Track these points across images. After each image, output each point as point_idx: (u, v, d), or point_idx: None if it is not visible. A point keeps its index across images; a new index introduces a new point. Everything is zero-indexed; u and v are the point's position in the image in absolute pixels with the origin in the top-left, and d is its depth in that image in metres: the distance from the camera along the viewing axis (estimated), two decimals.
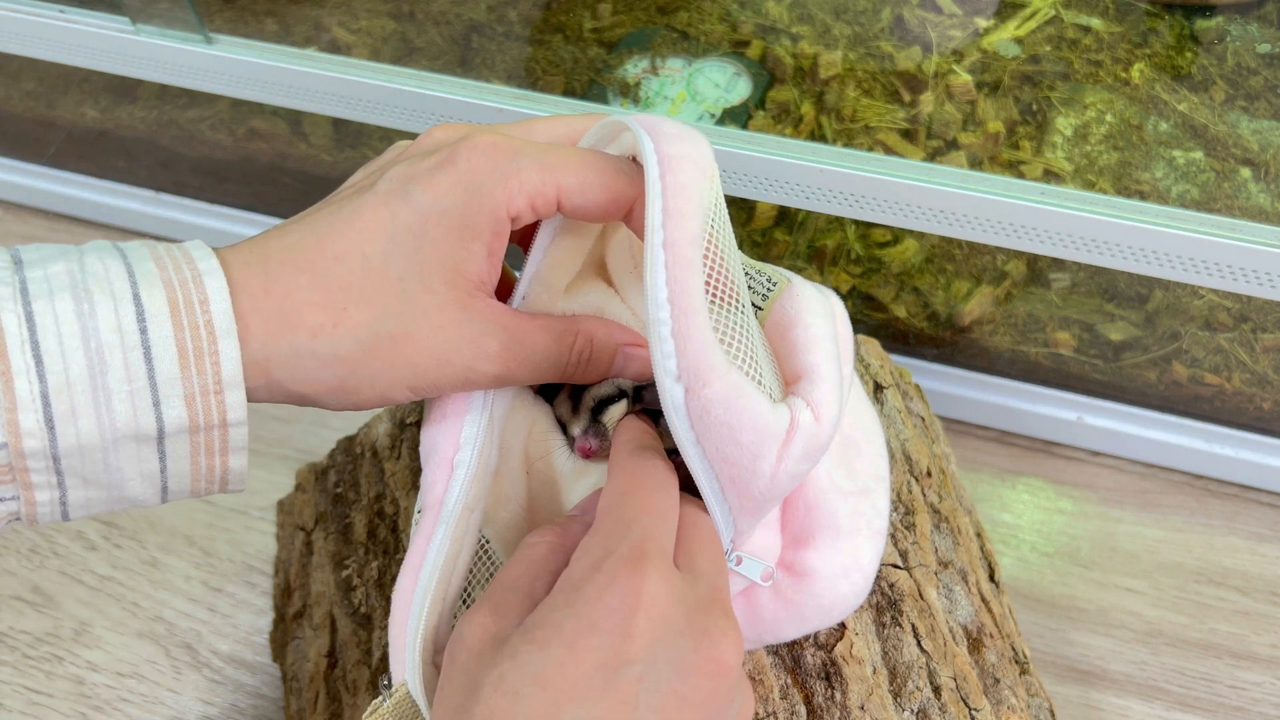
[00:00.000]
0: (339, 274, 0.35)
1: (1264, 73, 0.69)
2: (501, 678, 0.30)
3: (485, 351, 0.37)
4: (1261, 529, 0.68)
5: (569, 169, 0.36)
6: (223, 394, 0.33)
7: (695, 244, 0.34)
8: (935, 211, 0.57)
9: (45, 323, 0.31)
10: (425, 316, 0.35)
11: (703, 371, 0.33)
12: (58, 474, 0.33)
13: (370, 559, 0.51)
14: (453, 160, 0.36)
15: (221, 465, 0.35)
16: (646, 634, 0.31)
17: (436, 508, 0.38)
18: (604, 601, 0.31)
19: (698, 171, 0.35)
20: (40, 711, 0.62)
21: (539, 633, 0.31)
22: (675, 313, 0.33)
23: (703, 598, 0.33)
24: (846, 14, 0.74)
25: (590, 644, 0.30)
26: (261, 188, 0.84)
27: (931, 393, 0.70)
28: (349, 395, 0.36)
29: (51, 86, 0.87)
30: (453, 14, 0.79)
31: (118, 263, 0.33)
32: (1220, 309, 0.67)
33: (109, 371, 0.32)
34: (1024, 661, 0.48)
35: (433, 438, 0.39)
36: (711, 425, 0.34)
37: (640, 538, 0.33)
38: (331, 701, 0.50)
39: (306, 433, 0.73)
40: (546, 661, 0.30)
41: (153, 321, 0.32)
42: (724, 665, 0.32)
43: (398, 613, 0.37)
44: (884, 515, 0.45)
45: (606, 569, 0.32)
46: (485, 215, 0.35)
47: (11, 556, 0.68)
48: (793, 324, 0.39)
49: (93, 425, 0.32)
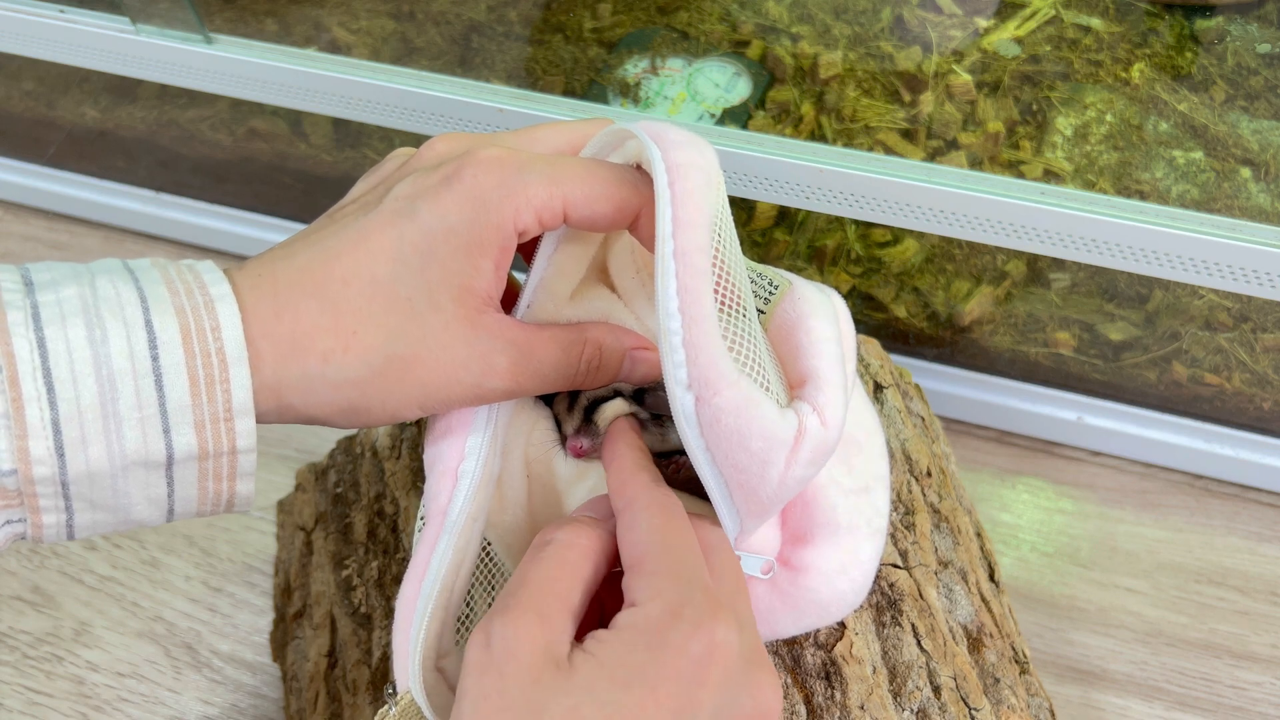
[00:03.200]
0: (348, 297, 0.35)
1: (1264, 73, 0.69)
2: (575, 709, 0.30)
3: (494, 368, 0.37)
4: (1261, 529, 0.67)
5: (575, 181, 0.36)
6: (233, 421, 0.33)
7: (704, 252, 0.34)
8: (935, 211, 0.57)
9: (57, 349, 0.31)
10: (434, 336, 0.35)
11: (713, 380, 0.34)
12: (66, 499, 0.32)
13: (370, 559, 0.51)
14: (458, 176, 0.35)
15: (229, 490, 0.35)
16: (717, 684, 0.32)
17: (440, 517, 0.38)
18: (688, 650, 0.32)
19: (704, 179, 0.35)
20: (40, 711, 0.62)
21: (618, 670, 0.31)
22: (686, 322, 0.33)
23: (752, 646, 0.34)
24: (846, 14, 0.74)
25: (670, 690, 0.31)
26: (261, 188, 0.84)
27: (931, 393, 0.70)
28: (359, 415, 0.36)
29: (51, 86, 0.87)
30: (453, 14, 0.79)
31: (129, 287, 0.33)
32: (1220, 309, 0.67)
33: (120, 399, 0.32)
34: (1024, 661, 0.48)
35: (437, 448, 0.39)
36: (722, 433, 0.34)
37: (707, 583, 0.33)
38: (331, 701, 0.50)
39: (306, 433, 0.73)
40: (626, 701, 0.31)
41: (164, 349, 0.32)
42: (771, 714, 0.33)
43: (401, 621, 0.37)
44: (884, 514, 0.45)
45: (689, 618, 0.32)
46: (493, 231, 0.35)
47: (11, 556, 0.68)
48: (795, 327, 0.39)
49: (102, 452, 0.32)
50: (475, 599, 0.39)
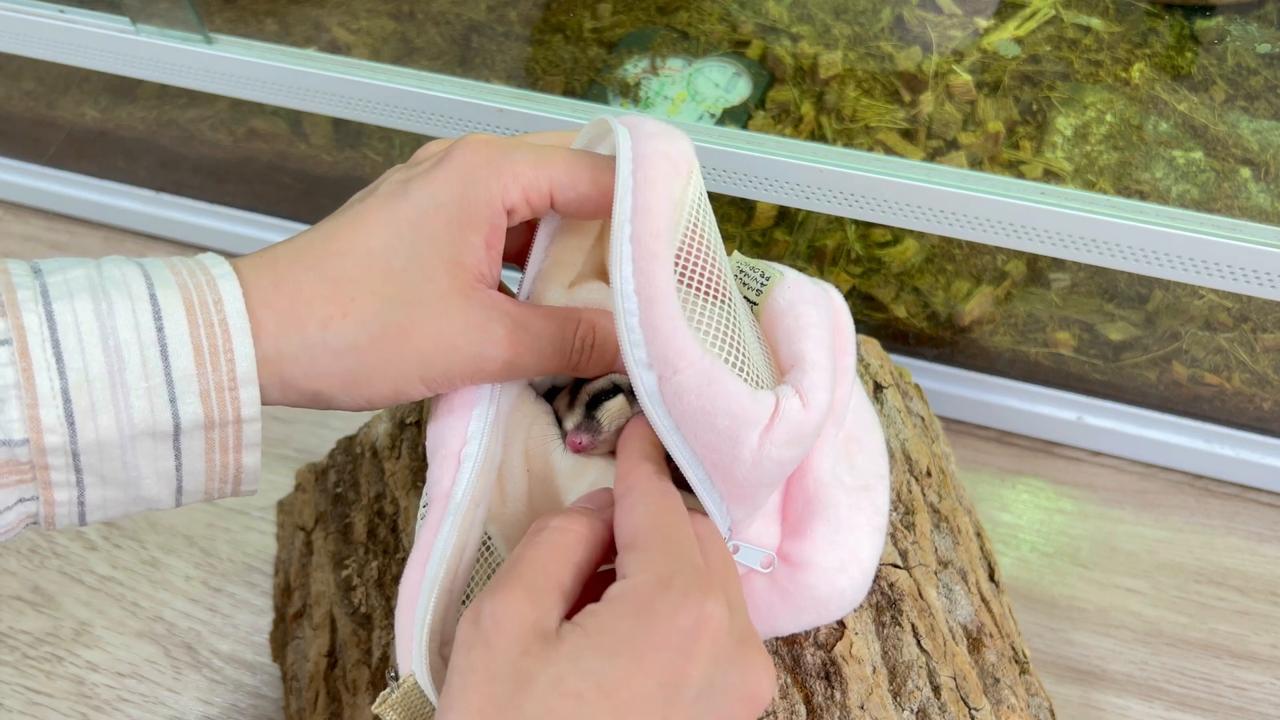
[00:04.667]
0: (344, 268, 0.36)
1: (1264, 73, 0.69)
2: (561, 678, 0.30)
3: (492, 336, 0.37)
4: (1261, 529, 0.68)
5: (560, 165, 0.37)
6: (237, 390, 0.34)
7: (661, 237, 0.35)
8: (935, 211, 0.57)
9: (65, 321, 0.32)
10: (429, 304, 0.36)
11: (672, 358, 0.34)
12: (77, 471, 0.33)
13: (370, 559, 0.51)
14: (448, 158, 0.37)
15: (235, 462, 0.36)
16: (706, 658, 0.32)
17: (443, 500, 0.38)
18: (676, 620, 0.32)
19: (670, 167, 0.36)
20: (40, 711, 0.62)
21: (604, 639, 0.31)
22: (642, 303, 0.34)
23: (744, 629, 0.34)
24: (846, 14, 0.74)
25: (658, 660, 0.31)
26: (261, 188, 0.84)
27: (931, 393, 0.70)
28: (361, 389, 0.37)
29: (51, 86, 0.87)
30: (453, 14, 0.79)
31: (134, 269, 0.34)
32: (1220, 309, 0.67)
33: (127, 368, 0.33)
34: (1024, 661, 0.48)
35: (439, 432, 0.39)
36: (687, 411, 0.35)
37: (698, 561, 0.34)
38: (331, 701, 0.50)
39: (306, 433, 0.73)
40: (613, 671, 0.31)
41: (169, 320, 0.33)
42: (762, 698, 0.33)
43: (404, 605, 0.37)
44: (884, 513, 0.45)
45: (678, 587, 0.32)
46: (481, 206, 0.36)
47: (11, 556, 0.68)
48: (784, 314, 0.40)
49: (111, 421, 0.33)
50: (475, 590, 0.39)
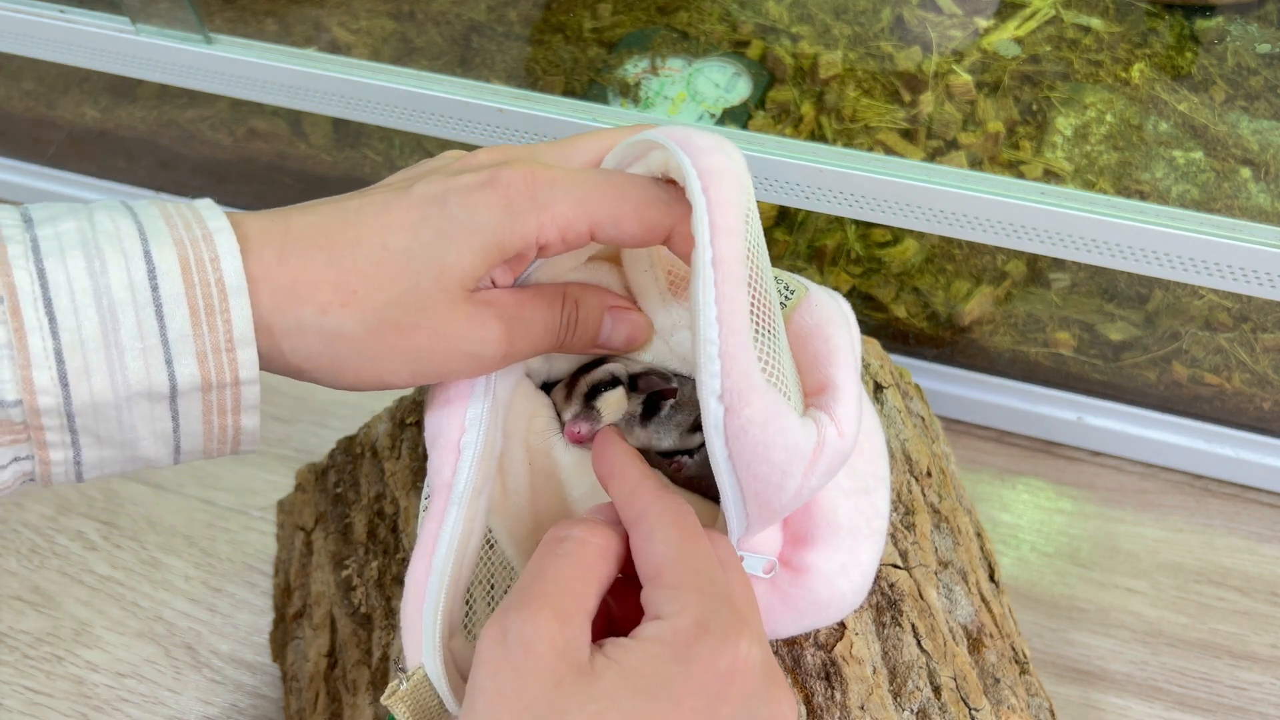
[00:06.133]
0: (355, 258, 0.35)
1: (1264, 73, 0.69)
2: (599, 715, 0.30)
3: (491, 335, 0.37)
4: (1261, 529, 0.68)
5: (602, 201, 0.36)
6: (234, 351, 0.33)
7: (742, 260, 0.34)
8: (935, 211, 0.57)
9: (57, 280, 0.32)
10: (435, 310, 0.36)
11: (745, 392, 0.34)
12: (71, 432, 0.33)
13: (370, 559, 0.51)
14: (492, 183, 0.36)
15: (234, 424, 0.35)
16: (738, 699, 0.32)
17: (446, 490, 0.38)
18: (716, 666, 0.32)
19: (736, 184, 0.35)
20: (40, 711, 0.62)
21: (640, 681, 0.31)
22: (724, 332, 0.33)
23: (771, 663, 0.34)
24: (846, 14, 0.74)
25: (695, 704, 0.31)
26: (261, 188, 0.84)
27: (931, 393, 0.70)
28: (346, 375, 0.36)
29: (51, 86, 0.87)
30: (453, 14, 0.79)
31: (128, 220, 0.33)
32: (1220, 309, 0.67)
33: (121, 328, 0.32)
34: (1024, 661, 0.48)
35: (437, 422, 0.39)
36: (748, 444, 0.34)
37: (730, 597, 0.33)
38: (331, 701, 0.50)
39: (306, 433, 0.73)
40: (650, 713, 0.31)
41: (164, 279, 0.32)
42: None
43: (412, 597, 0.37)
44: (884, 515, 0.45)
45: (715, 631, 0.32)
46: (516, 239, 0.36)
47: (11, 556, 0.68)
48: (813, 335, 0.39)
49: (106, 383, 0.32)
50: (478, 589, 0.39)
